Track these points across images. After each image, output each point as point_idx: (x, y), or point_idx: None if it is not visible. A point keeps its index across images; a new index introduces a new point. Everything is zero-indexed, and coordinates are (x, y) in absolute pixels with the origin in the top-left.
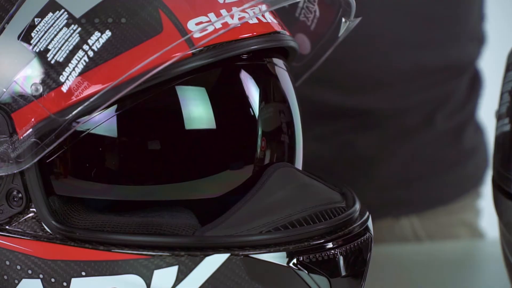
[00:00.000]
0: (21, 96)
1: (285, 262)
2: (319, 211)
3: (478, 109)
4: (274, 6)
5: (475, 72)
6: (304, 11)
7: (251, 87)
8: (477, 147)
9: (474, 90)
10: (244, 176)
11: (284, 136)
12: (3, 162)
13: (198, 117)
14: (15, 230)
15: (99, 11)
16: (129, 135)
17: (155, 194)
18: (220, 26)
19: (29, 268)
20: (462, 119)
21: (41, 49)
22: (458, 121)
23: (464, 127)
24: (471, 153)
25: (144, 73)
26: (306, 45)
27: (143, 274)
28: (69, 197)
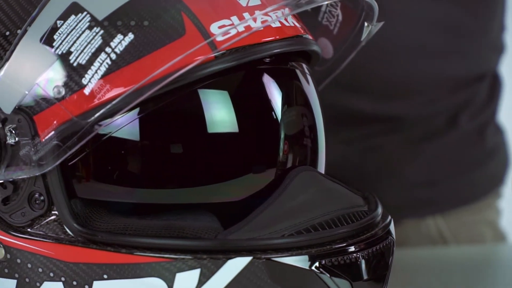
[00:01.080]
0: (43, 99)
1: (307, 265)
2: (342, 215)
3: (498, 110)
4: (297, 9)
5: (495, 76)
6: (327, 15)
7: (274, 91)
8: (498, 147)
9: (494, 92)
10: (267, 179)
11: (307, 140)
12: (25, 164)
13: (221, 121)
14: (37, 232)
15: (122, 13)
16: (152, 138)
17: (178, 197)
18: (243, 30)
19: (51, 271)
20: (483, 120)
21: (64, 51)
22: (480, 121)
23: (486, 127)
24: (492, 153)
25: (167, 76)
26: (329, 49)
27: (165, 277)
28: (91, 199)
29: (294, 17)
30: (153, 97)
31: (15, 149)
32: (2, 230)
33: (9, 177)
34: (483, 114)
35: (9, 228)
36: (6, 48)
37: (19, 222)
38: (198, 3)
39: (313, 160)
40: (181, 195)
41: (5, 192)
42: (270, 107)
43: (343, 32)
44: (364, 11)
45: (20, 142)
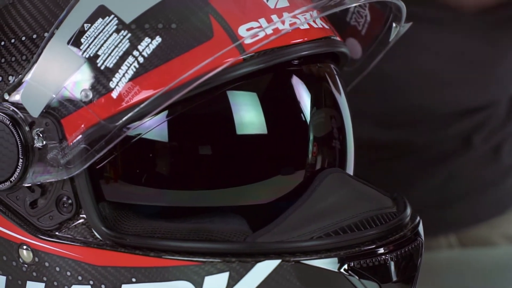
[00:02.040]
0: (70, 102)
1: (336, 268)
2: (370, 217)
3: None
4: (325, 11)
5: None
6: (355, 16)
7: (303, 92)
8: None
9: None
10: (295, 181)
11: (336, 142)
12: (53, 168)
13: (249, 123)
14: (65, 236)
15: (149, 16)
16: (180, 141)
17: (206, 200)
18: (271, 32)
19: (79, 275)
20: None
21: (91, 55)
22: (497, 140)
23: (502, 146)
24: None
25: (195, 79)
26: (357, 50)
27: (194, 281)
28: (119, 203)
29: (322, 19)
30: (181, 99)
31: (42, 152)
32: (30, 233)
33: (36, 180)
34: (500, 133)
35: (37, 231)
36: (33, 51)
37: (47, 226)
38: (226, 6)
39: (342, 162)
40: (210, 197)
41: (32, 195)
42: (298, 109)
43: (372, 33)
44: (392, 12)
45: (48, 146)
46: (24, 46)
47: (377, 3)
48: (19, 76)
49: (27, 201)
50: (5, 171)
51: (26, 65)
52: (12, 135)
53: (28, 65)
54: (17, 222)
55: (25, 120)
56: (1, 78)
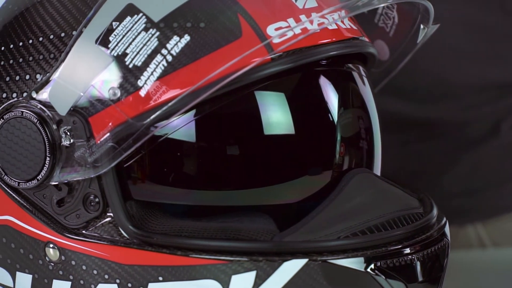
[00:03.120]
0: (98, 100)
1: (363, 267)
2: (397, 217)
3: None
4: (353, 12)
5: None
6: (383, 17)
7: (330, 93)
8: None
9: None
10: (323, 181)
11: (363, 142)
12: (80, 166)
13: (277, 122)
14: (91, 234)
15: (178, 15)
16: (208, 140)
17: (234, 199)
18: (299, 32)
19: (106, 273)
20: None
21: (119, 53)
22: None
23: None
24: None
25: (223, 78)
26: (385, 51)
27: (221, 279)
28: (146, 201)
29: (350, 19)
30: (209, 98)
31: (70, 150)
32: (57, 232)
33: (64, 178)
34: None
35: (64, 230)
36: (61, 50)
37: (74, 224)
38: (254, 5)
39: (369, 162)
40: (237, 197)
41: (59, 194)
42: (326, 109)
43: (399, 34)
44: (420, 13)
45: (75, 144)
46: (52, 45)
47: (405, 4)
48: (47, 75)
49: (54, 199)
50: (32, 169)
51: (54, 64)
52: (40, 133)
53: (56, 64)
54: (44, 221)
55: (53, 118)
56: (29, 76)
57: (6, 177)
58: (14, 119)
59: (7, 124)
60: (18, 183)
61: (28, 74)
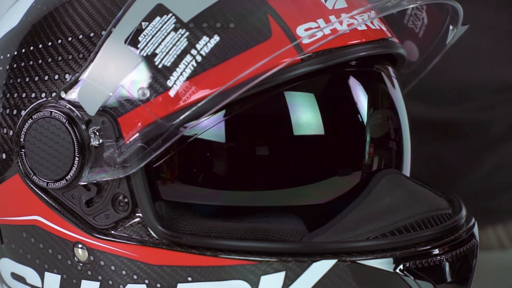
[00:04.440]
0: (127, 101)
1: (392, 268)
2: (426, 218)
3: None
4: (383, 12)
5: None
6: (413, 18)
7: (360, 93)
8: None
9: None
10: (352, 182)
11: (392, 143)
12: (109, 166)
13: (307, 123)
14: (120, 235)
15: (208, 15)
16: (237, 140)
17: (263, 199)
18: (329, 32)
19: (135, 273)
20: None
21: (149, 53)
22: None
23: None
24: None
25: (253, 78)
26: (414, 52)
27: (250, 280)
28: (175, 202)
29: (380, 20)
30: (239, 99)
31: (99, 151)
32: (86, 232)
33: (92, 179)
34: None
35: (93, 230)
36: (90, 50)
37: (103, 224)
38: (284, 6)
39: (398, 163)
40: (266, 197)
41: (88, 194)
42: (356, 109)
43: (429, 35)
44: (449, 14)
45: (104, 144)
46: (81, 45)
47: (434, 5)
48: (76, 75)
49: (82, 199)
50: (61, 169)
51: (83, 64)
52: (69, 133)
53: (85, 64)
54: (73, 221)
55: (82, 119)
56: (58, 76)
57: (35, 177)
58: (43, 119)
59: (36, 124)
60: (47, 183)
61: (57, 74)
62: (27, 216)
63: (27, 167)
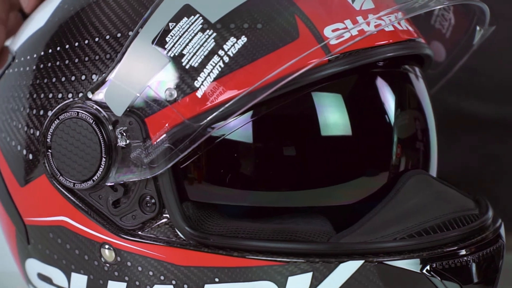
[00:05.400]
0: (154, 101)
1: (419, 268)
2: (453, 218)
3: None
4: (410, 13)
5: None
6: (440, 19)
7: (387, 94)
8: None
9: None
10: (379, 183)
11: (419, 143)
12: (136, 167)
13: (334, 124)
14: (147, 235)
15: (235, 16)
16: (265, 141)
17: (290, 200)
18: (356, 33)
19: (162, 274)
20: None
21: (176, 54)
22: None
23: None
24: None
25: (280, 79)
26: (441, 52)
27: (277, 281)
28: (202, 202)
29: (407, 21)
30: (266, 100)
31: (126, 151)
32: (113, 233)
33: (120, 179)
34: None
35: (120, 231)
36: (117, 50)
37: (130, 225)
38: (311, 7)
39: (425, 164)
40: (294, 198)
41: (115, 194)
42: (383, 110)
43: (456, 36)
44: (476, 15)
45: (131, 145)
46: (108, 45)
47: (461, 6)
48: (103, 75)
49: (109, 200)
50: (87, 170)
51: (110, 64)
52: (95, 134)
53: (112, 64)
54: (100, 222)
55: (109, 119)
56: (85, 76)
57: (62, 178)
58: (69, 120)
59: (63, 125)
60: (74, 184)
61: (83, 75)
62: (53, 217)
63: (53, 167)
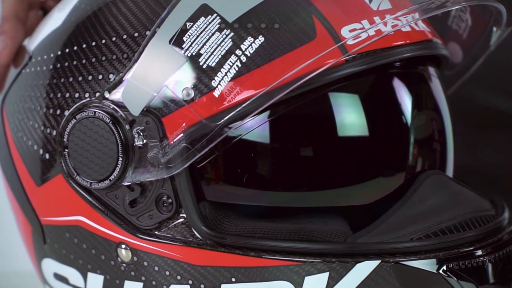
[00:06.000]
0: (172, 101)
1: (435, 269)
2: (469, 219)
3: None
4: (427, 14)
5: None
6: (456, 20)
7: (404, 95)
8: None
9: None
10: (396, 183)
11: (436, 144)
12: (153, 167)
13: (351, 124)
14: (164, 235)
15: (252, 16)
16: (282, 141)
17: (307, 200)
18: (373, 34)
19: (178, 274)
20: None
21: (193, 53)
22: None
23: None
24: None
25: (297, 79)
26: (458, 53)
27: (293, 281)
28: (219, 202)
29: (424, 21)
30: (283, 100)
31: (142, 151)
32: (129, 232)
33: (136, 179)
34: None
35: (136, 230)
36: (134, 50)
37: (147, 225)
38: (329, 7)
39: (441, 164)
40: (311, 198)
41: (132, 194)
42: (400, 111)
43: (473, 37)
44: (492, 16)
45: (148, 144)
46: (126, 45)
47: (478, 6)
48: (120, 75)
49: (126, 200)
50: (104, 169)
51: (127, 64)
52: (112, 134)
53: (129, 64)
54: (116, 221)
55: (126, 119)
56: (102, 76)
57: (78, 177)
58: (86, 119)
59: (80, 124)
60: (90, 184)
61: (101, 74)
62: (70, 217)
63: (70, 167)
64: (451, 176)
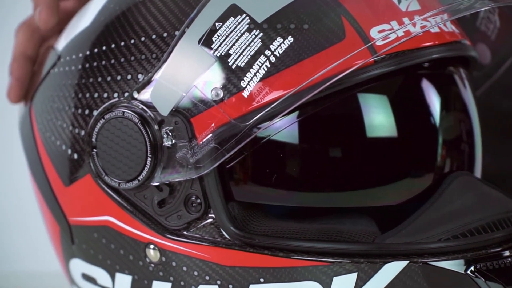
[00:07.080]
0: (201, 101)
1: (463, 269)
2: (497, 220)
3: None
4: (455, 15)
5: None
6: (485, 21)
7: (432, 96)
8: None
9: None
10: (424, 184)
11: (464, 145)
12: (182, 167)
13: (380, 125)
14: (193, 236)
15: (282, 16)
16: (311, 142)
17: (336, 201)
18: (402, 34)
19: (207, 274)
20: None
21: (222, 53)
22: None
23: None
24: None
25: (326, 79)
26: (486, 54)
27: (322, 281)
28: (248, 203)
29: (452, 23)
30: (312, 100)
31: (171, 151)
32: (158, 233)
33: (165, 179)
34: None
35: (165, 231)
36: (163, 50)
37: (175, 225)
38: (358, 7)
39: (470, 165)
40: (339, 199)
41: (161, 194)
42: (428, 112)
43: (501, 38)
44: None
45: (177, 145)
46: (155, 45)
47: (507, 8)
48: (149, 75)
49: (155, 200)
50: (133, 169)
51: (156, 64)
52: (141, 134)
53: (158, 64)
54: (145, 222)
55: (154, 119)
56: (131, 76)
57: (107, 178)
58: (115, 119)
59: (108, 124)
60: (119, 184)
61: (129, 74)
62: (98, 217)
63: (98, 167)
64: (479, 177)
